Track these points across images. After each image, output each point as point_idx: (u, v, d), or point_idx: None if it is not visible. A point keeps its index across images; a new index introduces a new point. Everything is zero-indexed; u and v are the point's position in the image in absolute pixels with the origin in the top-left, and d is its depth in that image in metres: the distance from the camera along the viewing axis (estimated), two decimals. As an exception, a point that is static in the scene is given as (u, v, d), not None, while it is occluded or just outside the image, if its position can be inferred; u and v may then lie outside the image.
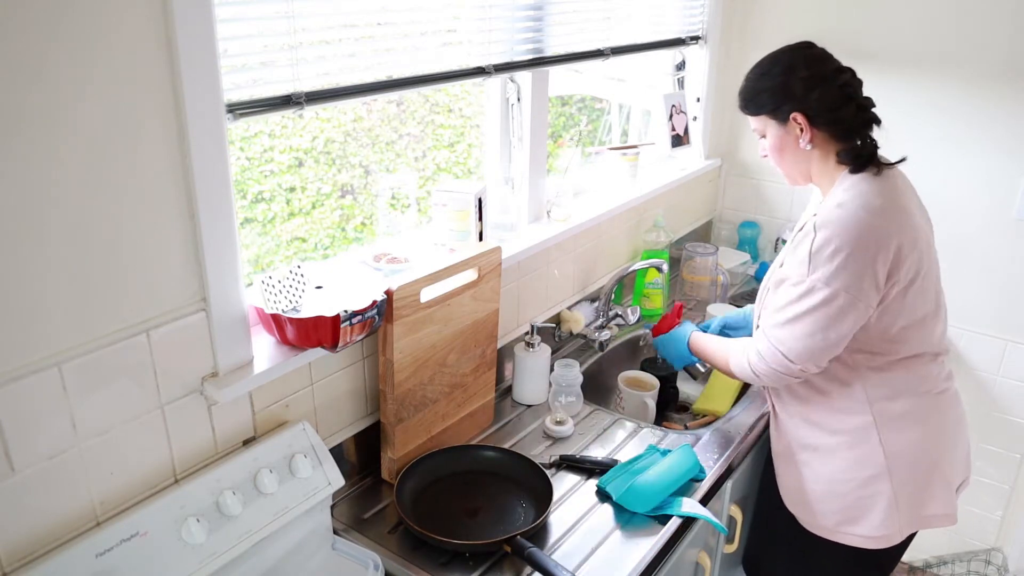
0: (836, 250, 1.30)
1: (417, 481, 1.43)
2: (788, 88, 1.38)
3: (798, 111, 1.38)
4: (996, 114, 2.12)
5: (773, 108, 1.41)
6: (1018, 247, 2.18)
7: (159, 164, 1.04)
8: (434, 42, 1.46)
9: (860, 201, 1.33)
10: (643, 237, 2.25)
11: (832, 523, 1.48)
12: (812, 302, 1.33)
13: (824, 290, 1.32)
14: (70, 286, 0.98)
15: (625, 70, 2.47)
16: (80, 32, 0.92)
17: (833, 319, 1.33)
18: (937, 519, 1.48)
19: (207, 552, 1.12)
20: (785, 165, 1.47)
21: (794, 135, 1.41)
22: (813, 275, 1.32)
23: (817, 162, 1.43)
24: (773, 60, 1.43)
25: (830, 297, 1.32)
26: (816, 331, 1.34)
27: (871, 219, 1.31)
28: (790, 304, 1.36)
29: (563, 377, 1.71)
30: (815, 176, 1.45)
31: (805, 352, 1.37)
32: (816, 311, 1.33)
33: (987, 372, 2.31)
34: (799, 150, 1.42)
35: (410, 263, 1.50)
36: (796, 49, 1.42)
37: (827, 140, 1.40)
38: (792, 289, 1.36)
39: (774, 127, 1.43)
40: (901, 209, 1.36)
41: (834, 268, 1.30)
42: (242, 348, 1.22)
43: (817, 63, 1.39)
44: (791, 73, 1.38)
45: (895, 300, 1.35)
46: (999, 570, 2.44)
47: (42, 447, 1.00)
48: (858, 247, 1.29)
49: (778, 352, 1.39)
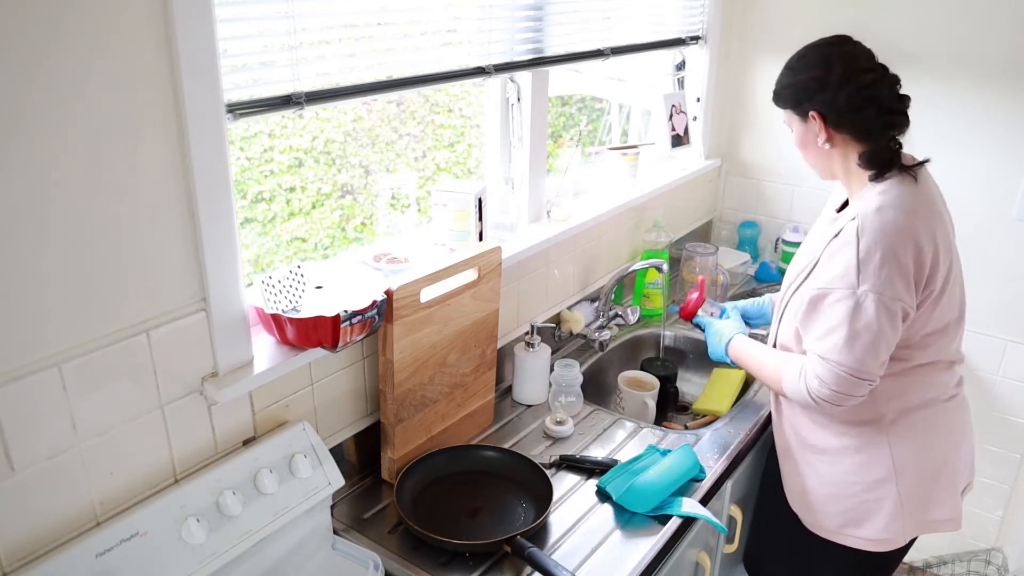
0: (883, 258, 1.27)
1: (417, 481, 1.43)
2: (809, 86, 1.37)
3: (815, 110, 1.37)
4: (996, 114, 2.12)
5: (795, 104, 1.41)
6: (1018, 247, 2.18)
7: (159, 164, 1.04)
8: (434, 42, 1.46)
9: (899, 204, 1.30)
10: (643, 237, 2.25)
11: (835, 524, 1.48)
12: (870, 315, 1.28)
13: (878, 301, 1.27)
14: (70, 286, 0.98)
15: (625, 70, 2.47)
16: (80, 32, 0.92)
17: (893, 328, 1.29)
18: (942, 523, 1.47)
19: (207, 552, 1.12)
20: (809, 159, 1.47)
21: (814, 133, 1.40)
22: (864, 286, 1.28)
23: (839, 161, 1.41)
24: (801, 55, 1.41)
25: (886, 307, 1.28)
26: (880, 343, 1.29)
27: (911, 222, 1.29)
28: (845, 322, 1.29)
29: (563, 377, 1.71)
30: (840, 175, 1.43)
31: (875, 365, 1.31)
32: (876, 324, 1.28)
33: (987, 372, 2.31)
34: (820, 148, 1.41)
35: (410, 263, 1.50)
36: (828, 44, 1.39)
37: (848, 141, 1.38)
38: (840, 304, 1.30)
39: (797, 122, 1.43)
40: (936, 213, 1.35)
41: (885, 277, 1.27)
42: (242, 348, 1.22)
43: (845, 61, 1.36)
44: (815, 70, 1.37)
45: (928, 307, 1.34)
46: (999, 570, 2.44)
47: (42, 447, 1.00)
48: (902, 253, 1.27)
49: (844, 375, 1.31)
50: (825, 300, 1.32)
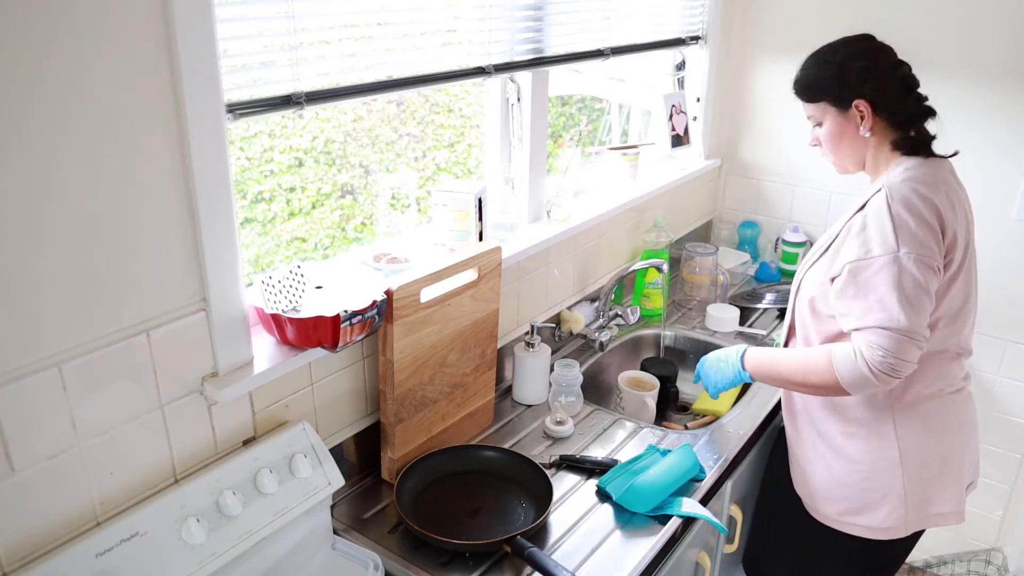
0: (918, 222, 1.29)
1: (417, 481, 1.43)
2: (853, 75, 1.40)
3: (862, 98, 1.40)
4: (996, 114, 2.12)
5: (836, 95, 1.42)
6: (1018, 247, 2.18)
7: (159, 164, 1.04)
8: (434, 42, 1.46)
9: (924, 179, 1.35)
10: (643, 237, 2.25)
11: (837, 511, 1.48)
12: (915, 276, 1.27)
13: (919, 262, 1.28)
14: (70, 286, 0.98)
15: (625, 70, 2.47)
16: (80, 32, 0.92)
17: (932, 289, 1.30)
18: (945, 517, 1.48)
19: (207, 552, 1.12)
20: (841, 152, 1.48)
21: (855, 123, 1.42)
22: (903, 248, 1.28)
23: (873, 149, 1.44)
24: (833, 49, 1.45)
25: (927, 267, 1.29)
26: (928, 303, 1.30)
27: (936, 196, 1.33)
28: (895, 287, 1.27)
29: (563, 377, 1.71)
30: (869, 163, 1.46)
31: (925, 326, 1.30)
32: (924, 284, 1.28)
33: (987, 372, 2.31)
34: (857, 137, 1.43)
35: (410, 263, 1.50)
36: (858, 40, 1.45)
37: (885, 128, 1.42)
38: (886, 272, 1.28)
39: (834, 114, 1.44)
40: (958, 197, 1.40)
41: (921, 239, 1.29)
42: (242, 348, 1.22)
43: (883, 53, 1.43)
44: (854, 61, 1.41)
45: (943, 286, 1.35)
46: (999, 570, 2.44)
47: (42, 447, 1.00)
48: (931, 219, 1.30)
49: (902, 338, 1.27)
50: (867, 270, 1.31)
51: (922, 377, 1.41)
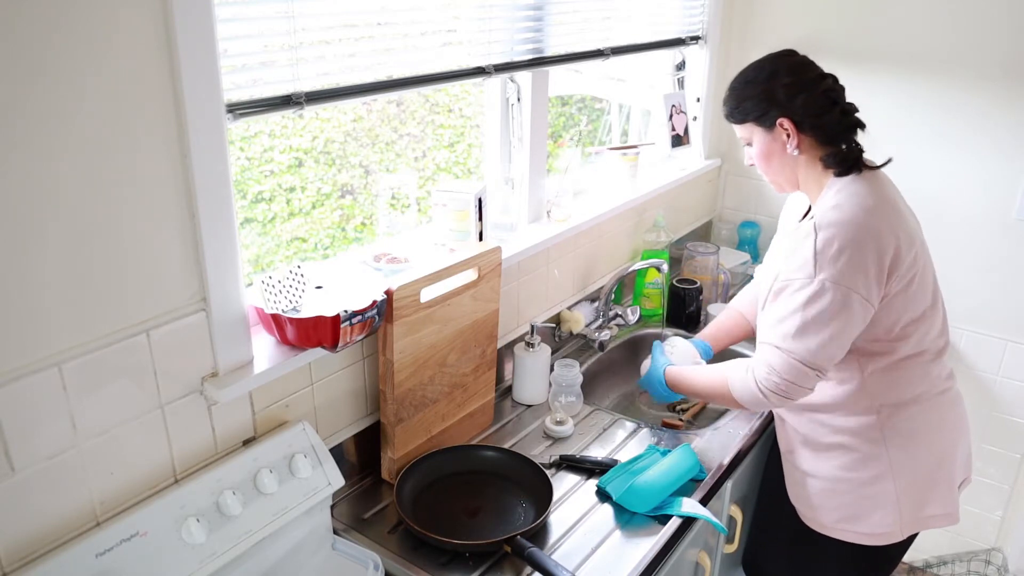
0: (840, 249, 1.29)
1: (417, 481, 1.43)
2: (773, 94, 1.39)
3: (784, 116, 1.39)
4: (995, 115, 2.12)
5: (759, 115, 1.41)
6: (1018, 247, 2.18)
7: (159, 164, 1.04)
8: (434, 42, 1.46)
9: (855, 201, 1.33)
10: (643, 237, 2.25)
11: (832, 520, 1.48)
12: (824, 304, 1.29)
13: (834, 290, 1.29)
14: (70, 286, 0.98)
15: (625, 70, 2.47)
16: (80, 32, 0.92)
17: (847, 319, 1.30)
18: (939, 519, 1.48)
19: (207, 552, 1.12)
20: (772, 171, 1.47)
21: (781, 141, 1.41)
22: (821, 275, 1.29)
23: (804, 167, 1.43)
24: (757, 68, 1.44)
25: (842, 297, 1.29)
26: (834, 333, 1.30)
27: (869, 219, 1.31)
28: (799, 310, 1.31)
29: (563, 377, 1.71)
30: (802, 182, 1.45)
31: (824, 356, 1.32)
32: (829, 313, 1.29)
33: (987, 372, 2.31)
34: (786, 156, 1.43)
35: (410, 263, 1.50)
36: (778, 57, 1.43)
37: (813, 145, 1.41)
38: (798, 295, 1.31)
39: (760, 134, 1.44)
40: (894, 208, 1.37)
41: (841, 267, 1.28)
42: (242, 348, 1.22)
43: (800, 69, 1.41)
44: (775, 80, 1.39)
45: (898, 297, 1.35)
46: (999, 570, 2.44)
47: (42, 447, 1.00)
48: (861, 245, 1.29)
49: (794, 362, 1.32)
50: (784, 291, 1.35)
51: (905, 383, 1.42)
